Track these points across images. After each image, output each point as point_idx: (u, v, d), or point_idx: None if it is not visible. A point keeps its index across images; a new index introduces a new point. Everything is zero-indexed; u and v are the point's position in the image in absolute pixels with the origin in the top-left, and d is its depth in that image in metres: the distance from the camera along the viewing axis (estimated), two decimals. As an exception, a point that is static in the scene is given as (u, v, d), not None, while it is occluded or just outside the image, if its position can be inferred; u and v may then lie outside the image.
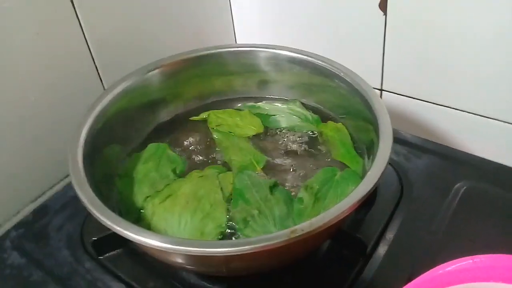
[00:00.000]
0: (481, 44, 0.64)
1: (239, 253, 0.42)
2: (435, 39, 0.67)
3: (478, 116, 0.70)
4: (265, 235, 0.43)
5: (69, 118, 0.66)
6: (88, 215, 0.61)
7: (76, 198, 0.64)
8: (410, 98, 0.75)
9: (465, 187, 0.62)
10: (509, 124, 0.67)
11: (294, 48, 0.66)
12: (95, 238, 0.57)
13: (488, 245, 0.54)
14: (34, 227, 0.63)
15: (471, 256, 0.44)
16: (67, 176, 0.70)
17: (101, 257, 0.58)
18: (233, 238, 0.52)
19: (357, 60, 0.68)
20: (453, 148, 0.70)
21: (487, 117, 0.69)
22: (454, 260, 0.44)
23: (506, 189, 0.62)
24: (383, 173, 0.48)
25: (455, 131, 0.73)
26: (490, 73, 0.65)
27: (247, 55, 0.68)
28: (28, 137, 0.64)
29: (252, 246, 0.42)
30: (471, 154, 0.68)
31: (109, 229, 0.56)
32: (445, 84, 0.70)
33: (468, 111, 0.70)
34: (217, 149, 0.64)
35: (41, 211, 0.65)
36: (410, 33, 0.69)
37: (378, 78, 0.76)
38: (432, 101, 0.73)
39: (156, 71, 0.66)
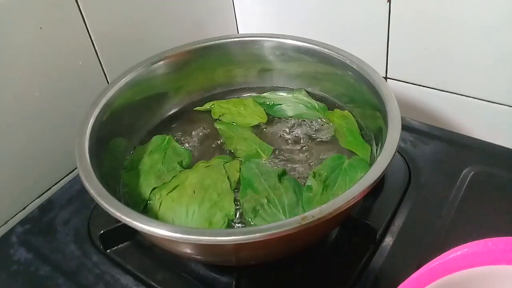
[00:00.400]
0: (485, 29, 0.63)
1: (250, 241, 0.42)
2: (439, 25, 0.67)
3: (483, 101, 0.69)
4: (276, 222, 0.42)
5: (73, 112, 0.66)
6: (95, 209, 0.62)
7: (81, 192, 0.65)
8: (415, 85, 0.75)
9: (473, 172, 0.62)
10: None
11: (300, 37, 0.65)
12: (102, 232, 0.57)
13: (498, 229, 0.54)
14: (40, 222, 0.62)
15: (482, 240, 0.44)
16: (72, 170, 0.70)
17: (109, 250, 0.58)
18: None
19: (362, 48, 0.67)
20: (459, 134, 0.69)
21: (491, 102, 0.68)
22: (465, 244, 0.43)
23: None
24: (392, 159, 0.47)
25: (460, 117, 0.73)
26: (494, 58, 0.65)
27: (252, 45, 0.67)
28: (32, 133, 0.64)
29: (263, 233, 0.41)
30: (477, 139, 0.68)
31: (116, 222, 0.57)
32: (450, 70, 0.70)
33: (473, 96, 0.70)
34: (221, 140, 0.64)
35: (47, 206, 0.64)
36: (414, 20, 0.68)
37: (383, 66, 0.76)
38: (437, 88, 0.73)
39: (161, 63, 0.65)
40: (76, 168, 0.68)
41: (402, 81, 0.76)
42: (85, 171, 0.50)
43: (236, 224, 0.53)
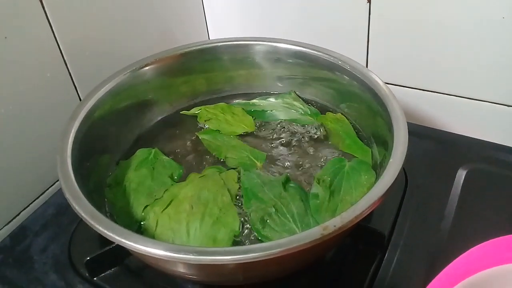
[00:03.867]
0: (465, 28, 0.63)
1: (268, 258, 0.38)
2: (419, 25, 0.66)
3: (467, 99, 0.69)
4: (296, 235, 0.39)
5: (41, 129, 0.61)
6: (74, 234, 0.57)
7: (57, 216, 0.60)
8: (397, 86, 0.74)
9: (467, 170, 0.61)
10: (498, 105, 0.67)
11: (292, 40, 0.63)
12: (89, 258, 0.51)
13: (500, 225, 0.54)
14: (13, 252, 0.56)
15: (497, 238, 0.43)
16: (43, 192, 0.64)
17: (96, 278, 0.52)
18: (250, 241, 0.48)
19: (342, 49, 0.66)
20: (447, 132, 0.69)
21: (476, 100, 0.68)
22: (481, 244, 0.42)
23: (505, 167, 0.62)
24: (405, 159, 0.46)
25: (445, 115, 0.72)
26: (475, 56, 0.65)
27: (241, 49, 0.65)
28: (-4, 155, 0.58)
29: (285, 248, 0.38)
30: (465, 136, 0.68)
31: (102, 247, 0.52)
32: (432, 70, 0.69)
33: (455, 94, 0.70)
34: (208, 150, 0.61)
35: (19, 234, 0.58)
36: (395, 21, 0.68)
37: (363, 67, 0.74)
38: (418, 87, 0.72)
39: (142, 70, 0.61)
40: (47, 189, 0.64)
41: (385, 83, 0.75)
42: (72, 192, 0.45)
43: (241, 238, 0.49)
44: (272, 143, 0.61)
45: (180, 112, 0.66)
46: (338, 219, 0.40)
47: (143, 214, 0.51)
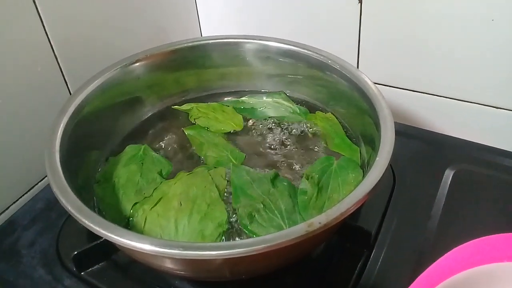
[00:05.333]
0: (455, 29, 0.64)
1: (254, 253, 0.39)
2: (410, 27, 0.67)
3: (456, 100, 0.70)
4: (282, 231, 0.40)
5: (30, 124, 0.61)
6: (63, 228, 0.57)
7: (46, 210, 0.60)
8: (387, 87, 0.74)
9: (454, 171, 0.62)
10: (486, 107, 0.68)
11: (282, 39, 0.63)
12: (76, 252, 0.52)
13: (486, 226, 0.54)
14: (1, 246, 0.56)
15: (482, 238, 0.43)
16: (32, 187, 0.64)
17: (83, 273, 0.52)
18: (238, 237, 0.49)
19: (333, 49, 0.66)
20: (435, 132, 0.70)
21: (465, 101, 0.69)
22: (466, 243, 0.43)
23: (492, 168, 0.62)
24: (391, 157, 0.46)
25: (433, 116, 0.73)
26: (465, 58, 0.65)
27: (232, 47, 0.65)
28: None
29: (270, 244, 0.39)
30: (452, 137, 0.69)
31: (89, 241, 0.52)
32: (421, 71, 0.70)
33: (445, 96, 0.70)
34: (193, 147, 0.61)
35: (7, 228, 0.58)
36: (386, 21, 0.68)
37: (354, 68, 0.75)
38: (409, 88, 0.73)
39: (132, 66, 0.61)
40: (36, 184, 0.64)
41: (374, 83, 0.75)
42: (59, 186, 0.45)
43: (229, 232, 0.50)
44: (261, 141, 0.61)
45: (172, 107, 0.66)
46: (323, 216, 0.41)
47: (131, 211, 0.51)
